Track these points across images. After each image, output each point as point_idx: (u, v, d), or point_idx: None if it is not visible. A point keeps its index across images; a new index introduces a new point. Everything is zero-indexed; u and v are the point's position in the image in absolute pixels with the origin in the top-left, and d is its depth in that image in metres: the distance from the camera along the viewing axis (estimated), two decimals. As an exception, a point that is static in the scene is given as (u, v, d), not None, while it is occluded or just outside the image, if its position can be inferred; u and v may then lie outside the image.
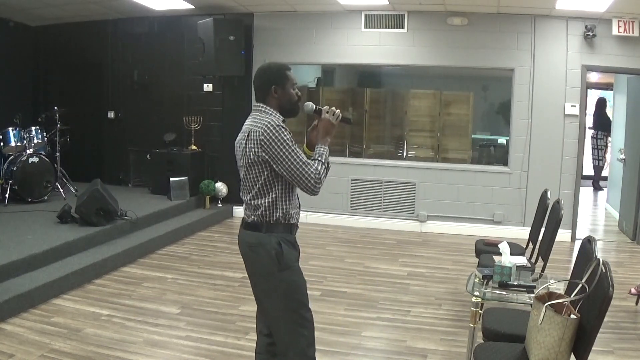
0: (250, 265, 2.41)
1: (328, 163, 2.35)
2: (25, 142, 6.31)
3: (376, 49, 6.76)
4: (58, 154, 6.72)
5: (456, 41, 6.53)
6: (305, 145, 2.54)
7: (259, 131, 2.24)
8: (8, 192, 6.01)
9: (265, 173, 2.28)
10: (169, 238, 5.84)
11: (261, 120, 2.28)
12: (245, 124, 2.37)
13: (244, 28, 6.87)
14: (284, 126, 2.27)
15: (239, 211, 7.38)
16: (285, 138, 2.22)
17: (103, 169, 7.74)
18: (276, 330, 2.40)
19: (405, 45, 6.68)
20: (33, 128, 6.44)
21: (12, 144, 6.27)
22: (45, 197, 6.29)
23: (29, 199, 6.14)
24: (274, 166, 2.25)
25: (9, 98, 7.22)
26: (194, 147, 7.27)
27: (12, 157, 6.22)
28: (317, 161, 2.31)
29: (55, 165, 6.60)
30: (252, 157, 2.26)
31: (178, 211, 6.60)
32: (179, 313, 3.95)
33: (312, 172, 2.24)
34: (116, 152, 7.79)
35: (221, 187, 7.21)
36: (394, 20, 6.66)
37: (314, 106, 2.47)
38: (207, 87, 7.33)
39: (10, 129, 6.30)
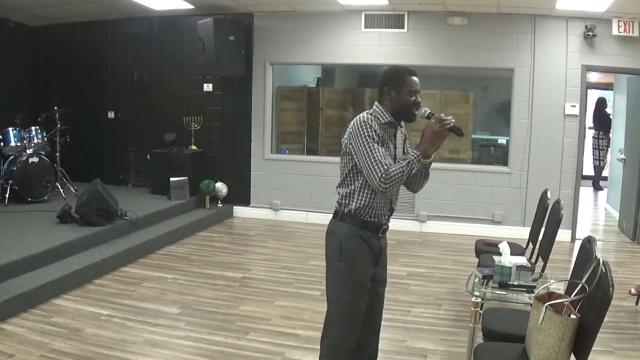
0: (325, 249, 2.50)
1: (413, 169, 2.29)
2: (25, 142, 6.31)
3: (376, 49, 6.75)
4: (58, 154, 6.71)
5: (456, 41, 6.53)
6: None
7: (352, 124, 2.36)
8: (8, 192, 6.00)
9: (351, 164, 2.38)
10: (169, 238, 5.84)
11: (361, 114, 2.37)
12: None
13: (244, 28, 6.87)
14: (370, 124, 2.30)
15: (238, 211, 7.38)
16: (366, 133, 2.28)
17: (103, 169, 7.74)
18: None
19: (405, 45, 6.68)
20: (33, 128, 6.43)
21: (12, 144, 6.26)
22: (45, 197, 6.29)
23: (29, 199, 6.14)
24: (355, 159, 2.34)
25: (9, 98, 7.21)
26: (194, 147, 7.27)
27: (12, 157, 6.22)
28: (400, 163, 2.29)
29: (55, 165, 6.59)
30: (344, 146, 2.39)
31: (178, 211, 6.60)
32: (179, 313, 3.95)
33: (380, 170, 2.24)
34: (116, 152, 7.79)
35: (221, 187, 7.21)
36: (394, 20, 6.66)
37: (427, 112, 2.39)
38: (207, 87, 7.33)
39: (10, 129, 6.29)
